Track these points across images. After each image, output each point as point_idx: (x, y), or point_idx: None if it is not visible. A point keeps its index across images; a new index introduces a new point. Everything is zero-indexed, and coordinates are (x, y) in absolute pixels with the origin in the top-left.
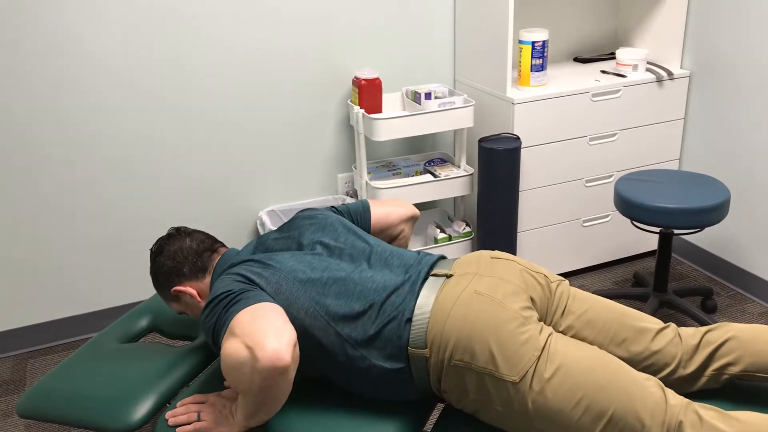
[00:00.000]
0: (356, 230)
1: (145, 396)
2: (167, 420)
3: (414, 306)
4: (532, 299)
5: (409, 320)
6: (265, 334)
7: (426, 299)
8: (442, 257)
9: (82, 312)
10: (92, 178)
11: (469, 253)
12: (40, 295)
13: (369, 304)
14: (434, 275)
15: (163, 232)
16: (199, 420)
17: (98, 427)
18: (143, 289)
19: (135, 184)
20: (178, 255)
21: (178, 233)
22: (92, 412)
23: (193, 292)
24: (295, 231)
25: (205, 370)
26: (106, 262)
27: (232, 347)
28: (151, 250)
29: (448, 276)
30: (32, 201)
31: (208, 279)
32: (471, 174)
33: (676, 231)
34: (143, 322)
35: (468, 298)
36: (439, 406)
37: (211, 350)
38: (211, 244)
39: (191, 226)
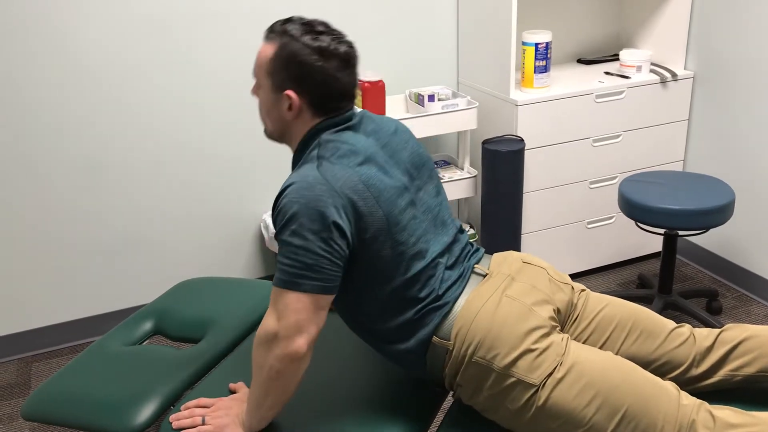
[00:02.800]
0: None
1: (148, 399)
2: (171, 423)
3: (456, 300)
4: (558, 310)
5: (448, 312)
6: (297, 321)
7: (464, 294)
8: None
9: (87, 315)
10: (96, 180)
11: (500, 252)
12: (44, 298)
13: (430, 291)
14: (474, 273)
15: (166, 234)
16: (203, 424)
17: (102, 430)
18: (147, 292)
19: (139, 186)
20: (329, 81)
21: (348, 61)
22: (96, 414)
23: (297, 110)
24: (411, 159)
25: (209, 373)
26: (110, 265)
27: (267, 321)
28: (314, 26)
29: (484, 275)
30: (35, 204)
31: (317, 120)
32: (474, 176)
33: (680, 232)
34: (147, 325)
35: (498, 300)
36: (444, 408)
37: (215, 354)
38: (353, 95)
39: (194, 228)
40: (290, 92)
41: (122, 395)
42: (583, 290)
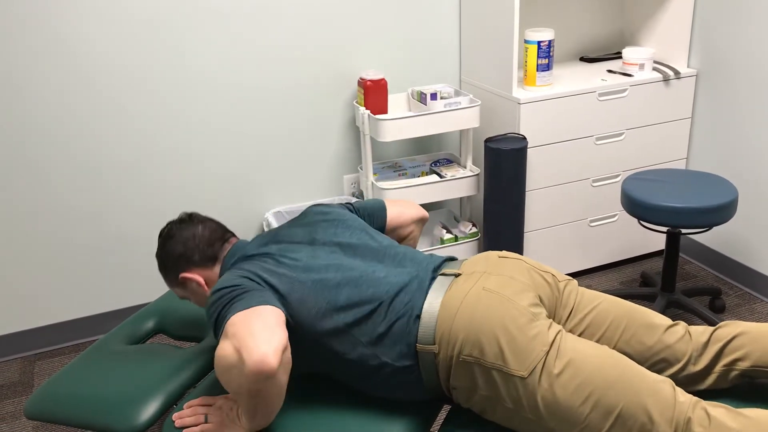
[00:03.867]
0: (369, 229)
1: (151, 397)
2: (174, 421)
3: (423, 303)
4: (540, 297)
5: (418, 317)
6: (254, 338)
7: (435, 297)
8: (451, 258)
9: (89, 314)
10: (98, 179)
11: (476, 254)
12: (46, 297)
13: (378, 302)
14: (443, 274)
15: None
16: (206, 422)
17: (105, 429)
18: (150, 290)
19: (141, 185)
20: (190, 242)
21: (190, 219)
22: (99, 413)
23: (201, 280)
24: (309, 227)
25: (212, 371)
26: (112, 263)
27: (222, 349)
28: (161, 232)
29: (457, 275)
30: (38, 203)
31: (217, 268)
32: (477, 174)
33: (683, 230)
34: (150, 324)
35: (476, 295)
36: (446, 408)
37: None
38: (222, 233)
39: None
40: (183, 275)
41: (125, 394)
42: (569, 281)
